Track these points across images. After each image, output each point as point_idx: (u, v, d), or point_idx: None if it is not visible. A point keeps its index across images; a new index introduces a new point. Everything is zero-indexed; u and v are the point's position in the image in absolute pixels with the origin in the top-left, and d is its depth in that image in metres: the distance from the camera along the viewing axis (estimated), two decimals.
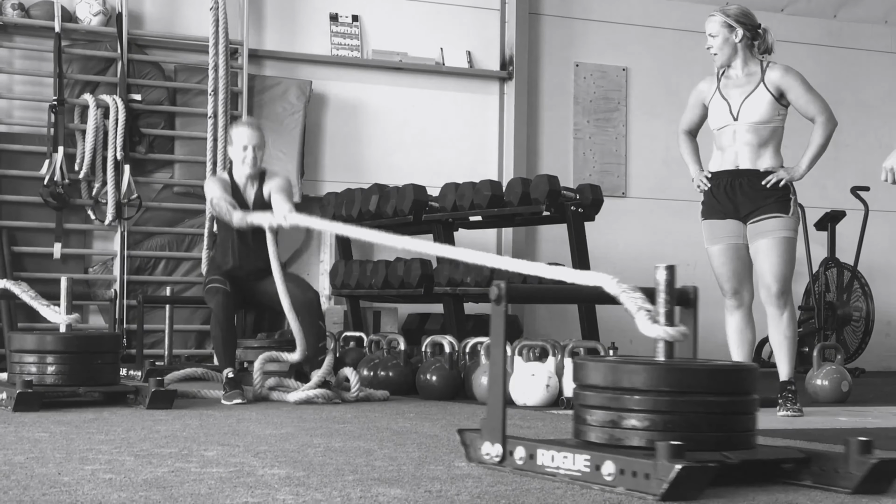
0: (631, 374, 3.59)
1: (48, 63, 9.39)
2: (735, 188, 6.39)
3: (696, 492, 3.31)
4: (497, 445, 3.87)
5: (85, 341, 6.36)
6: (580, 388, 3.74)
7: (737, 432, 3.62)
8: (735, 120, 6.38)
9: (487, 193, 8.43)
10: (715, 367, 3.69)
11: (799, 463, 3.69)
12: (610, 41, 11.43)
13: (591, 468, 3.49)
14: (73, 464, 3.87)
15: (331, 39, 10.39)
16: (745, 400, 3.67)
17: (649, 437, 3.50)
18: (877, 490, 3.49)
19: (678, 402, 3.53)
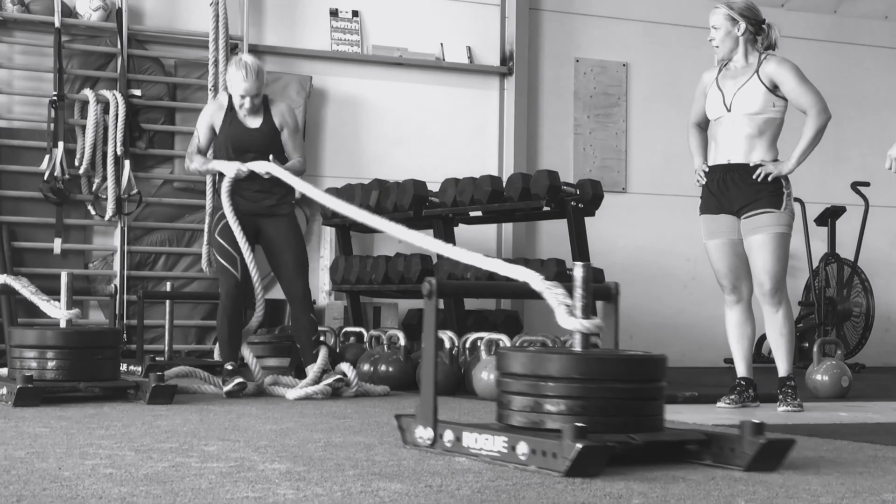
0: (547, 363, 3.91)
1: (48, 58, 9.39)
2: (727, 183, 6.38)
3: (596, 469, 3.61)
4: (429, 429, 4.18)
5: (85, 337, 6.37)
6: (502, 376, 4.04)
7: (643, 416, 3.96)
8: (728, 111, 6.38)
9: (488, 189, 8.43)
10: (623, 356, 4.02)
11: (701, 444, 4.00)
12: (610, 37, 11.42)
13: (508, 449, 3.82)
14: (73, 459, 3.87)
15: (331, 35, 10.38)
16: (652, 387, 4.01)
17: (563, 420, 3.80)
18: (767, 468, 3.82)
19: (589, 388, 3.86)
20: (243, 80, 6.76)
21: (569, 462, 3.56)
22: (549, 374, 3.89)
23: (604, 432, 3.78)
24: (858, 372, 10.00)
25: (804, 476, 3.72)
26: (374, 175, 9.82)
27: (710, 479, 3.62)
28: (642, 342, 10.75)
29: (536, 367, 3.93)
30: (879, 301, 11.26)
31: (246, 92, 6.77)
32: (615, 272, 10.15)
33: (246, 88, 6.77)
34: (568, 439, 3.58)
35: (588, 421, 3.75)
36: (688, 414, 5.98)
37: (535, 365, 3.94)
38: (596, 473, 3.60)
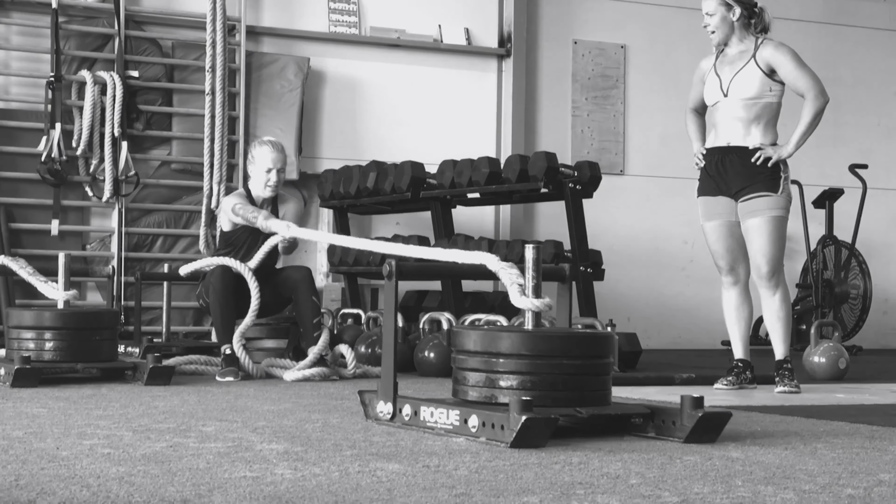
0: (497, 341, 4.13)
1: (45, 39, 9.37)
2: (725, 165, 6.40)
3: (540, 440, 3.84)
4: (389, 404, 4.42)
5: (83, 317, 6.37)
6: (457, 353, 4.26)
7: (590, 391, 4.17)
8: (725, 96, 6.39)
9: (485, 170, 8.42)
10: (570, 334, 4.25)
11: (645, 417, 4.22)
12: (608, 19, 11.41)
13: (461, 422, 4.06)
14: (71, 439, 3.88)
15: (329, 16, 10.36)
16: (599, 363, 4.21)
17: (513, 394, 4.02)
18: (705, 439, 4.04)
19: (538, 364, 4.08)
20: (271, 151, 7.10)
21: (514, 433, 3.79)
22: (499, 350, 4.11)
23: (552, 406, 4.03)
24: (856, 354, 10.01)
25: (801, 457, 3.73)
26: (372, 156, 9.81)
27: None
28: (640, 324, 10.75)
29: (488, 344, 4.14)
30: (877, 283, 11.27)
31: (274, 162, 7.06)
32: (613, 254, 10.18)
33: (274, 158, 7.07)
34: (514, 412, 3.81)
35: (536, 395, 4.00)
36: None
37: (486, 342, 4.15)
38: (540, 444, 3.82)
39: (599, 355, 4.21)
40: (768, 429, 4.52)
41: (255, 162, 7.12)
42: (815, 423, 4.77)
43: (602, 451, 3.76)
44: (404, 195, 8.91)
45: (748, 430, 4.48)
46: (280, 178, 7.10)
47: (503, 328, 4.65)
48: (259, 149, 7.14)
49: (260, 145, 7.17)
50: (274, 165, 7.05)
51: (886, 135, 12.48)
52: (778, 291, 6.39)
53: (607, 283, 8.75)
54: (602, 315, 7.93)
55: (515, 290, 4.27)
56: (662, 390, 6.31)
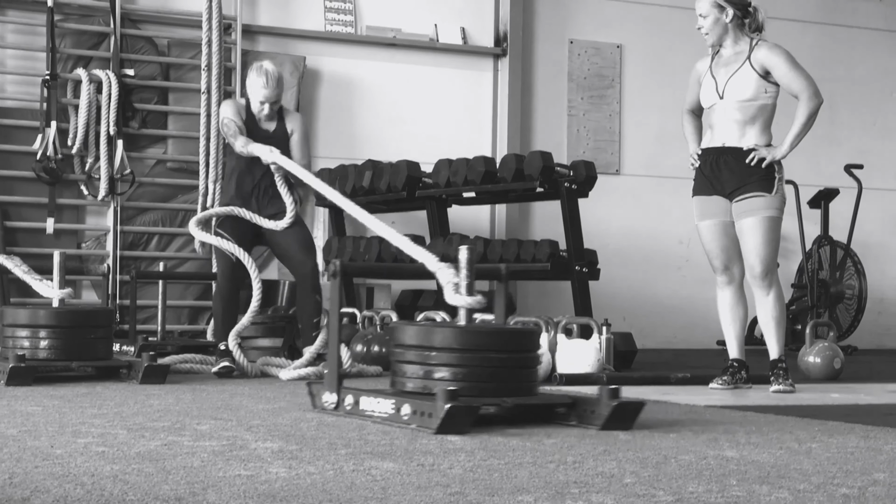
0: (431, 335, 4.45)
1: (41, 37, 9.36)
2: (720, 165, 6.40)
3: (464, 426, 4.13)
4: (333, 394, 4.72)
5: (78, 316, 6.37)
6: (395, 347, 4.56)
7: (516, 382, 4.49)
8: (721, 98, 6.39)
9: (481, 170, 8.42)
10: (497, 329, 4.68)
11: (568, 407, 4.53)
12: (604, 18, 11.41)
13: (395, 410, 4.37)
14: (65, 437, 3.88)
15: (325, 15, 10.36)
16: (525, 356, 4.54)
17: (444, 385, 4.28)
18: (620, 427, 4.34)
19: (467, 357, 4.39)
20: (263, 87, 6.94)
21: (439, 420, 4.10)
22: (432, 344, 4.42)
23: (480, 396, 4.36)
24: (851, 354, 10.02)
25: (796, 456, 3.73)
26: (368, 156, 9.81)
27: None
28: (635, 324, 10.75)
29: (422, 338, 4.46)
30: (872, 283, 11.28)
31: (265, 98, 6.94)
32: (608, 254, 10.18)
33: (266, 95, 6.94)
34: (440, 401, 4.12)
35: (466, 386, 4.32)
36: (680, 395, 6.00)
37: (421, 337, 4.47)
38: (463, 431, 4.11)
39: (525, 349, 4.54)
40: (763, 428, 4.52)
41: (249, 89, 7.00)
42: (809, 422, 4.77)
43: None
44: (400, 194, 8.91)
45: (743, 429, 4.48)
46: (272, 110, 6.97)
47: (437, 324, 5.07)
48: (255, 79, 6.95)
49: (257, 76, 6.95)
50: (266, 100, 6.93)
51: (882, 135, 12.49)
52: (771, 291, 6.39)
53: (603, 282, 8.75)
54: (597, 314, 7.92)
55: (450, 288, 4.60)
56: (658, 390, 6.32)
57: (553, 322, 7.11)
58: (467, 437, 3.98)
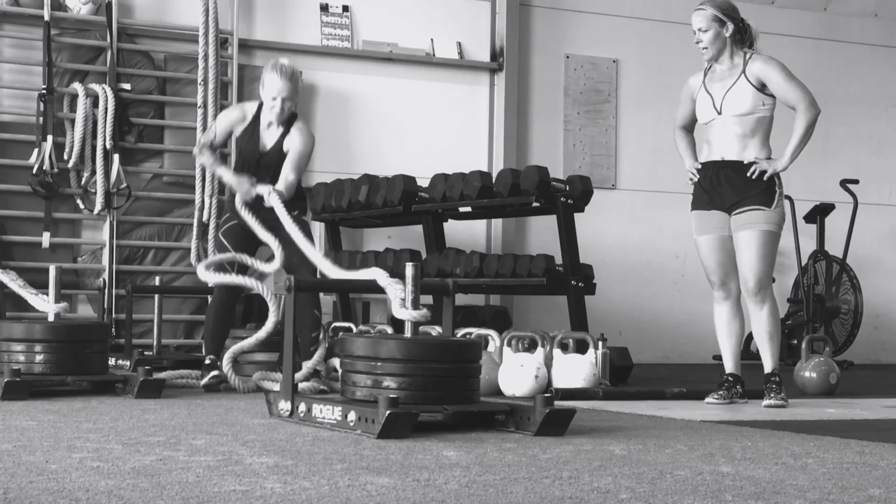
0: (377, 347, 4.74)
1: (37, 52, 9.37)
2: (720, 179, 6.39)
3: (404, 432, 4.41)
4: (288, 402, 5.01)
5: (73, 330, 6.35)
6: (345, 357, 4.86)
7: (458, 391, 4.79)
8: (719, 114, 6.38)
9: (477, 184, 8.43)
10: (440, 341, 5.00)
11: (507, 414, 4.80)
12: (600, 33, 11.43)
13: (342, 417, 4.65)
14: (60, 452, 3.87)
15: (321, 30, 10.38)
16: (466, 366, 4.84)
17: (383, 393, 4.58)
18: (553, 433, 4.61)
19: (411, 367, 4.67)
20: (279, 79, 6.72)
21: (380, 426, 4.37)
22: (378, 355, 4.72)
23: (423, 404, 4.66)
24: (846, 369, 10.02)
25: (791, 472, 3.73)
26: (364, 170, 9.82)
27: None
28: (631, 338, 10.76)
29: (370, 350, 4.75)
30: (868, 298, 11.28)
31: (278, 92, 6.72)
32: (604, 268, 10.19)
33: (279, 87, 6.71)
34: (382, 408, 4.38)
35: (410, 395, 4.64)
36: (676, 410, 6.00)
37: (368, 348, 4.76)
38: (404, 436, 4.38)
39: (467, 360, 4.84)
40: (759, 444, 4.52)
41: (263, 87, 6.81)
42: (805, 438, 4.77)
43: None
44: (396, 209, 8.91)
45: (739, 444, 4.48)
46: (286, 107, 6.76)
47: (383, 336, 5.53)
48: (269, 74, 6.78)
49: (271, 70, 6.79)
50: (279, 94, 6.71)
51: (877, 150, 12.51)
52: (765, 306, 6.38)
53: (599, 297, 8.75)
54: (593, 329, 7.93)
55: (397, 303, 4.89)
56: (654, 405, 6.32)
57: (549, 337, 7.11)
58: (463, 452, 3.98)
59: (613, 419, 5.45)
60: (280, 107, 6.75)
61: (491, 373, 6.87)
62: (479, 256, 8.43)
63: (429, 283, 6.52)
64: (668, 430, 5.01)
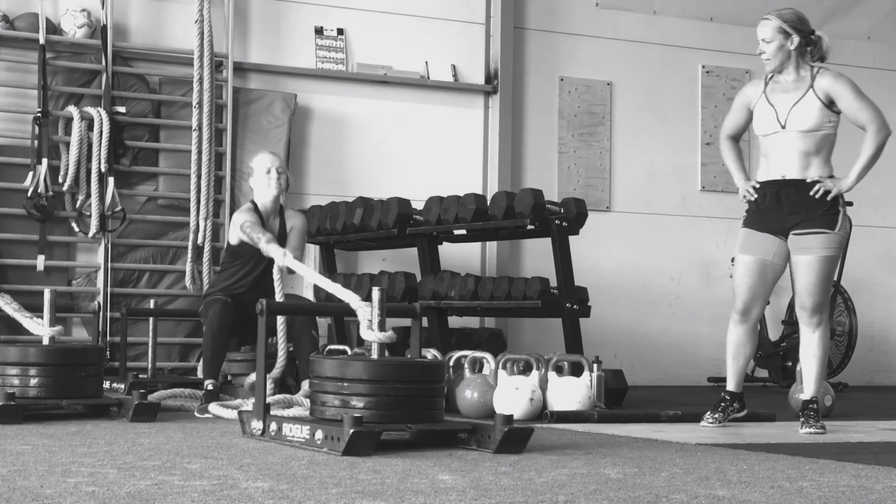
0: (345, 368, 4.97)
1: (32, 75, 9.38)
2: (780, 199, 6.21)
3: (367, 450, 4.64)
4: (260, 422, 5.23)
5: (68, 354, 6.34)
6: (314, 378, 5.08)
7: (422, 410, 5.00)
8: (783, 128, 6.18)
9: (472, 207, 8.43)
10: (404, 362, 5.21)
11: (469, 433, 5.03)
12: (594, 56, 11.45)
13: (310, 435, 4.85)
14: (55, 476, 3.86)
15: (316, 53, 10.39)
16: (430, 387, 5.06)
17: (359, 413, 4.80)
18: (512, 450, 4.85)
19: (376, 387, 4.90)
20: (268, 154, 7.34)
21: (344, 444, 4.60)
22: (345, 376, 4.93)
23: (388, 423, 4.88)
24: (841, 391, 10.02)
25: (787, 495, 3.72)
26: (359, 193, 9.82)
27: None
28: (626, 361, 10.75)
29: (338, 371, 4.96)
30: (862, 320, 11.29)
31: (272, 162, 7.23)
32: (599, 291, 10.19)
33: (272, 159, 7.26)
34: (346, 427, 4.61)
35: (375, 414, 4.87)
36: (672, 432, 5.99)
37: (336, 370, 4.97)
38: (367, 453, 4.61)
39: (431, 381, 5.07)
40: (754, 467, 4.52)
41: (254, 171, 7.27)
42: (800, 461, 4.77)
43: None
44: (391, 231, 8.91)
45: (734, 467, 4.47)
46: (282, 179, 7.23)
47: (351, 357, 5.84)
48: (257, 157, 7.33)
49: (261, 155, 7.37)
50: (272, 164, 7.22)
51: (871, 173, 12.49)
52: (819, 329, 6.25)
53: (594, 319, 8.75)
54: (588, 351, 7.92)
55: (365, 324, 5.16)
56: (648, 427, 6.31)
57: (544, 359, 7.11)
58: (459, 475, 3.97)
59: (609, 442, 5.45)
60: (277, 177, 7.24)
61: (486, 395, 6.87)
62: (474, 279, 8.43)
63: (396, 307, 6.96)
64: (664, 453, 5.01)
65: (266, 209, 7.26)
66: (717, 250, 11.53)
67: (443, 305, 8.46)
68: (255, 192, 7.29)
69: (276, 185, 7.20)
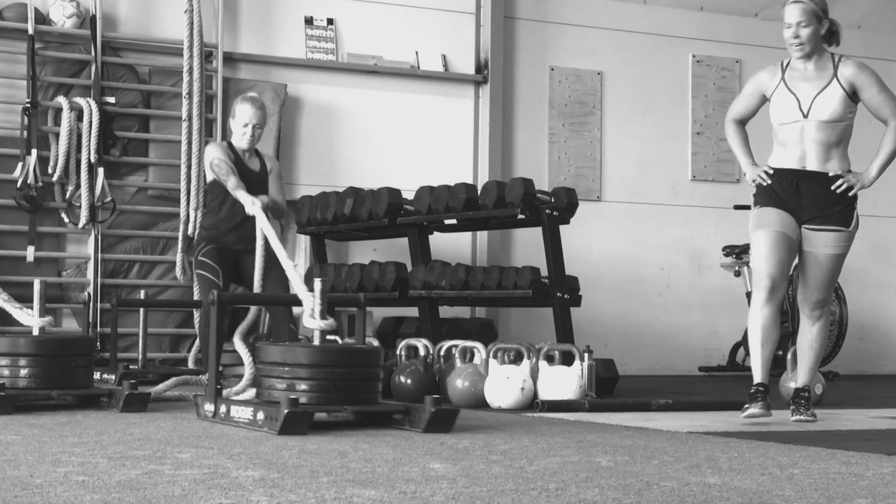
0: (286, 353, 5.33)
1: (21, 65, 9.35)
2: (801, 191, 6.02)
3: (301, 429, 4.99)
4: (211, 405, 5.58)
5: (58, 344, 6.33)
6: (260, 363, 5.44)
7: (359, 393, 5.36)
8: (805, 117, 5.97)
9: (462, 196, 8.43)
10: (342, 348, 5.71)
11: (403, 413, 5.40)
12: (585, 45, 11.44)
13: (253, 417, 5.24)
14: (45, 466, 3.85)
15: (306, 43, 10.38)
16: (367, 371, 5.41)
17: (299, 395, 5.16)
18: (440, 429, 5.21)
19: (315, 372, 5.26)
20: (250, 107, 7.48)
21: (280, 424, 4.96)
22: (287, 361, 5.29)
23: (326, 405, 5.26)
24: (832, 380, 10.03)
25: (778, 483, 3.72)
26: (349, 183, 9.82)
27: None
28: (617, 350, 10.75)
29: (281, 356, 5.32)
30: (853, 310, 11.31)
31: (250, 119, 7.45)
32: (590, 280, 10.19)
33: (251, 114, 7.46)
34: (282, 408, 4.97)
35: (315, 396, 5.23)
36: (662, 421, 6.00)
37: (278, 355, 5.33)
38: (302, 433, 4.96)
39: (368, 365, 5.42)
40: (745, 454, 4.52)
41: (234, 117, 7.51)
42: (791, 448, 4.77)
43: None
44: (381, 221, 8.91)
45: (725, 455, 4.48)
46: (256, 134, 7.48)
47: (292, 344, 6.12)
48: (240, 105, 7.50)
49: (241, 102, 7.53)
50: (251, 121, 7.45)
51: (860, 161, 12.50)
52: (819, 322, 6.16)
53: (584, 309, 8.75)
54: (579, 341, 7.93)
55: (308, 313, 5.56)
56: (639, 416, 6.31)
57: (535, 349, 7.11)
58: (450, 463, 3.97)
59: (600, 431, 5.45)
60: (251, 133, 7.49)
61: (477, 385, 6.87)
62: (465, 269, 8.43)
63: (339, 297, 7.76)
64: (655, 441, 5.01)
65: (241, 150, 7.53)
66: (708, 239, 11.55)
67: (434, 295, 8.45)
68: (233, 135, 7.56)
69: (248, 140, 7.48)
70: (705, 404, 7.18)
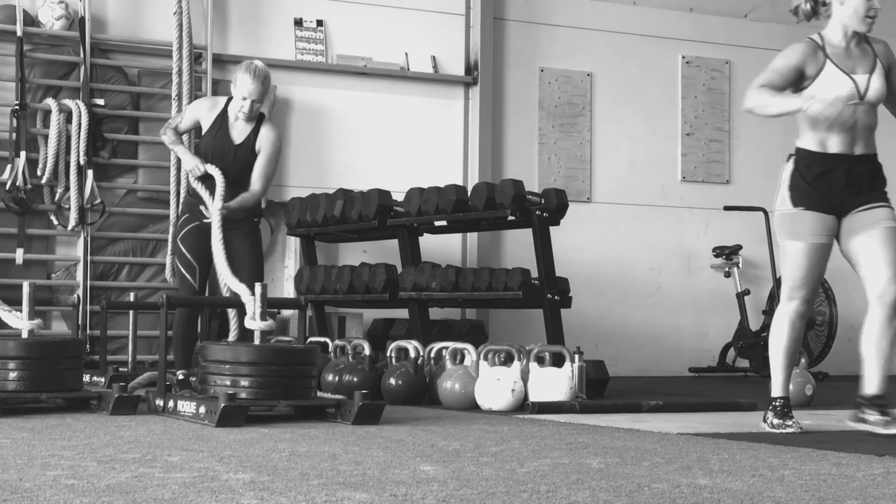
0: (226, 352, 5.82)
1: (10, 67, 9.33)
2: (852, 177, 5.51)
3: (238, 421, 5.45)
4: (161, 400, 6.07)
5: (48, 347, 6.32)
6: (203, 361, 5.90)
7: (293, 388, 5.82)
8: (861, 99, 5.48)
9: (452, 198, 8.42)
10: (278, 347, 6.33)
11: (335, 407, 5.84)
12: (574, 46, 11.45)
13: (196, 410, 5.67)
14: (34, 469, 3.84)
15: (295, 44, 10.36)
16: (302, 368, 5.91)
17: (237, 391, 5.66)
18: (367, 421, 5.67)
19: (253, 369, 5.75)
20: (250, 81, 6.91)
21: (217, 417, 5.40)
22: (227, 359, 5.77)
23: (263, 400, 5.73)
24: (822, 380, 10.04)
25: (769, 484, 3.72)
26: (339, 184, 9.80)
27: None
28: (607, 351, 10.76)
29: (220, 355, 5.81)
30: (842, 310, 11.31)
31: (249, 93, 6.92)
32: (580, 281, 10.19)
33: (250, 90, 6.91)
34: (220, 402, 5.44)
35: (252, 391, 5.72)
36: (653, 422, 6.00)
37: (220, 354, 5.81)
38: (238, 425, 5.41)
39: (303, 363, 5.91)
40: (736, 456, 4.53)
41: (235, 85, 6.99)
42: (781, 449, 4.78)
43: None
44: (371, 223, 8.90)
45: (716, 456, 4.48)
46: (253, 108, 6.95)
47: (233, 343, 6.57)
48: (242, 75, 6.94)
49: (244, 71, 6.94)
50: (250, 95, 6.91)
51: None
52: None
53: (575, 310, 8.75)
54: (570, 342, 7.92)
55: (249, 314, 6.02)
56: (630, 418, 6.31)
57: (525, 350, 7.10)
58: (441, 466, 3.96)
59: (590, 432, 5.45)
60: (249, 107, 6.97)
61: (467, 387, 6.87)
62: (455, 270, 8.43)
63: (282, 300, 8.53)
64: (646, 442, 5.01)
65: (232, 116, 7.08)
66: (698, 240, 11.55)
67: (424, 297, 8.44)
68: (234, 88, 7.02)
69: (245, 113, 6.98)
70: (696, 405, 7.18)
